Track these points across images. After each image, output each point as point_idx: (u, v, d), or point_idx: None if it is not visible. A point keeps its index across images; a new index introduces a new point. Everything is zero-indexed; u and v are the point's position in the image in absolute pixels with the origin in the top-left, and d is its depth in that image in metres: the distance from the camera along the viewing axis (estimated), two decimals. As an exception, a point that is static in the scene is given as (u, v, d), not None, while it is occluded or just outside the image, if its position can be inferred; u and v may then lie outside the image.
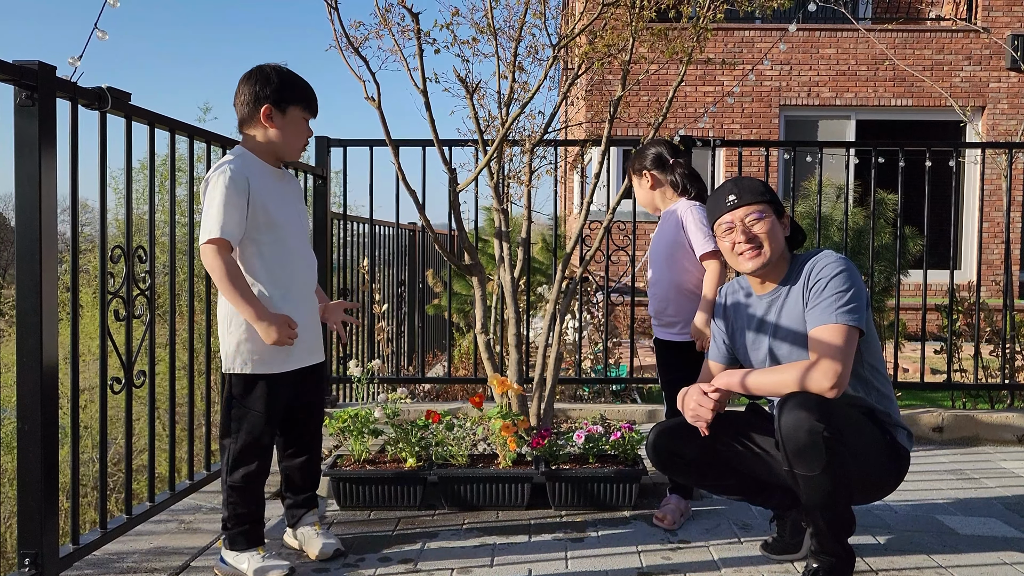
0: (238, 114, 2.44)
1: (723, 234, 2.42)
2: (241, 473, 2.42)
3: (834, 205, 6.64)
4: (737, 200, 2.38)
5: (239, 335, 2.38)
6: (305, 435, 2.64)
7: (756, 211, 2.37)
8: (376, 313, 5.14)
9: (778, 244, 2.38)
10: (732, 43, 10.75)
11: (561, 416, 4.13)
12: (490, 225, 7.71)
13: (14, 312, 2.13)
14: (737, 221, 2.37)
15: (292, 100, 2.42)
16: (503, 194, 3.50)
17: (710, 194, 2.53)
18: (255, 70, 2.43)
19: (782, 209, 2.44)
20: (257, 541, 2.45)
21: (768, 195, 2.41)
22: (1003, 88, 10.79)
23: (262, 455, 2.45)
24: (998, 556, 2.59)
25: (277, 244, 2.41)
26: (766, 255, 2.36)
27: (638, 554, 2.63)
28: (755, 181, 2.43)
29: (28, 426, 2.12)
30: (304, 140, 2.50)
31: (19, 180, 2.09)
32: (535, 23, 3.33)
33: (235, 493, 2.43)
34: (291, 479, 2.66)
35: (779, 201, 2.44)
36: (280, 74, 2.42)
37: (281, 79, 2.41)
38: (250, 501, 2.44)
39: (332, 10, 3.09)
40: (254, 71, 2.43)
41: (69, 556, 2.30)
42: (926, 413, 4.16)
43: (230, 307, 2.36)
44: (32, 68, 2.07)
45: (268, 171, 2.45)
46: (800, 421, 2.13)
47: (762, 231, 2.36)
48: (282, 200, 2.46)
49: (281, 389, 2.45)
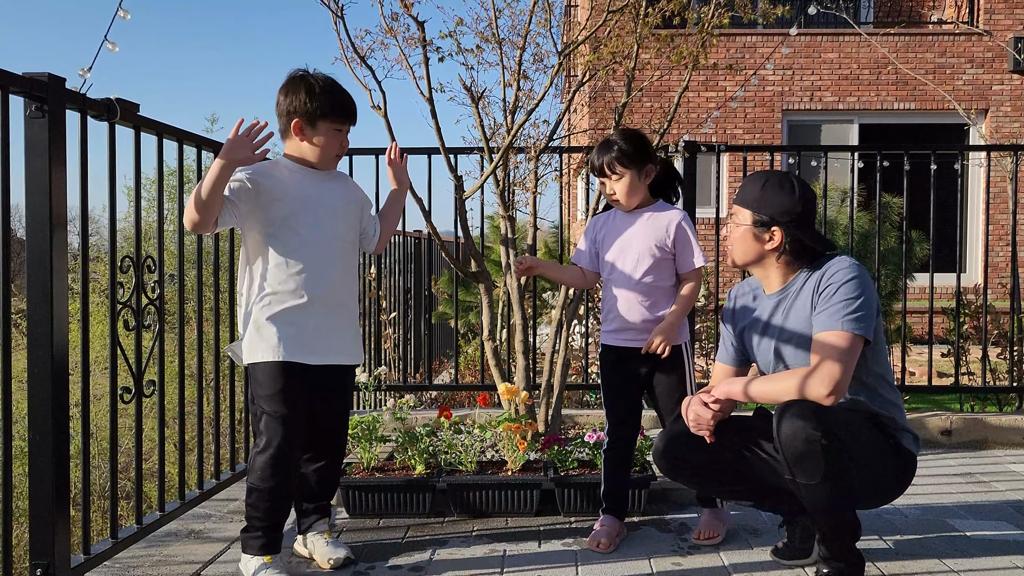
0: (278, 126, 2.46)
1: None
2: (258, 475, 2.39)
3: (839, 209, 6.64)
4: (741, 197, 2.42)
5: (256, 319, 2.38)
6: (328, 441, 2.61)
7: (735, 217, 2.42)
8: (383, 320, 5.15)
9: (751, 252, 2.38)
10: (735, 49, 10.76)
11: (569, 422, 4.12)
12: (496, 232, 7.72)
13: (24, 322, 2.14)
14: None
15: (322, 114, 2.40)
16: (509, 201, 3.51)
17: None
18: (289, 81, 2.42)
19: (776, 221, 2.33)
20: (267, 549, 2.42)
21: (756, 204, 2.35)
22: (1006, 91, 10.78)
23: (282, 458, 2.39)
24: (1010, 560, 2.58)
25: (296, 238, 2.39)
26: (735, 259, 2.44)
27: (648, 560, 2.62)
28: (764, 185, 2.38)
29: (39, 436, 2.13)
30: (336, 150, 2.48)
31: (29, 191, 2.11)
32: (540, 31, 3.36)
33: (252, 495, 2.41)
34: (307, 485, 2.63)
35: (776, 214, 2.33)
36: (312, 86, 2.40)
37: (311, 92, 2.39)
38: (266, 506, 2.41)
39: (338, 19, 3.11)
40: (288, 83, 2.42)
41: (80, 566, 2.31)
42: (934, 416, 4.14)
43: (244, 292, 2.42)
44: (42, 80, 2.09)
45: (303, 171, 2.46)
46: (797, 430, 2.12)
47: (734, 237, 2.42)
48: (317, 199, 2.45)
49: (301, 382, 2.40)
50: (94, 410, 7.26)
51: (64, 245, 2.17)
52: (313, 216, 2.42)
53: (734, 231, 2.41)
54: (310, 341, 2.41)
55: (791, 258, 2.37)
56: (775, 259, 2.38)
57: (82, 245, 2.37)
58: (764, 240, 2.36)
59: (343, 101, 2.45)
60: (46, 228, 2.10)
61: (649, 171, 2.73)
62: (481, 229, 4.29)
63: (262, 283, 2.39)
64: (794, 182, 2.37)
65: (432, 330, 7.34)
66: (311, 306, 2.41)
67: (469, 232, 3.53)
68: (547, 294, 6.15)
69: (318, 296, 2.42)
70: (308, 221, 2.41)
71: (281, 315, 2.38)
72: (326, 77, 2.45)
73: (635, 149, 2.68)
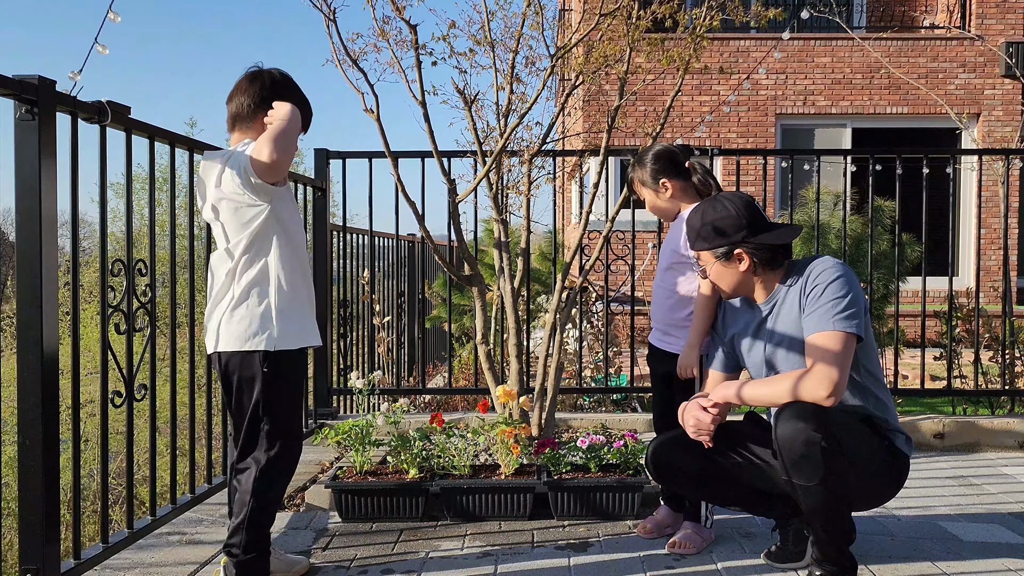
0: (235, 110, 2.38)
1: None
2: (278, 486, 2.34)
3: (832, 213, 6.66)
4: (691, 243, 2.45)
5: (282, 309, 2.30)
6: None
7: (700, 261, 2.43)
8: (376, 324, 5.14)
9: (731, 281, 2.39)
10: (728, 53, 10.79)
11: (562, 426, 4.12)
12: (489, 236, 7.72)
13: (14, 327, 2.13)
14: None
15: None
16: (502, 204, 3.51)
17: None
18: (263, 72, 2.40)
19: (734, 243, 2.33)
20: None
21: (707, 241, 2.37)
22: (998, 95, 10.83)
23: (296, 458, 2.38)
24: (1003, 563, 2.59)
25: (292, 222, 2.38)
26: (724, 292, 2.45)
27: (641, 563, 2.62)
28: (701, 218, 2.39)
29: (29, 440, 2.12)
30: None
31: (19, 194, 2.10)
32: (532, 34, 3.36)
33: (264, 512, 2.31)
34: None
35: (729, 237, 2.33)
36: (287, 82, 2.41)
37: (288, 87, 2.39)
38: (269, 523, 2.36)
39: (330, 23, 3.10)
40: (261, 73, 2.40)
41: (71, 571, 2.29)
42: (927, 420, 4.15)
43: (253, 283, 2.29)
44: (32, 83, 2.08)
45: None
46: (797, 432, 2.12)
47: (711, 277, 2.42)
48: (290, 199, 2.44)
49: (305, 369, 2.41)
50: (85, 415, 7.23)
51: (55, 248, 2.16)
52: (292, 216, 2.41)
53: (710, 275, 2.42)
54: (312, 326, 2.42)
55: (767, 267, 2.37)
56: (755, 275, 2.38)
57: (72, 248, 2.36)
58: (736, 266, 2.37)
59: (310, 109, 2.48)
60: (36, 231, 2.09)
61: (665, 185, 2.76)
62: (475, 233, 4.28)
63: (285, 271, 2.33)
64: (723, 200, 2.39)
65: (426, 334, 7.34)
66: (309, 294, 2.42)
67: (462, 236, 3.53)
68: (541, 298, 6.15)
69: (308, 284, 2.44)
70: (294, 222, 2.41)
71: (299, 304, 2.37)
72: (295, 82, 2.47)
73: (649, 172, 2.77)
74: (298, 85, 2.45)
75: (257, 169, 2.17)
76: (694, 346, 2.66)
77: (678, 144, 2.84)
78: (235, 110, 2.39)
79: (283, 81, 2.41)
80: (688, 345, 2.68)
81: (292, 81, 2.43)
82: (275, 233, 2.31)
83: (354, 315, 4.99)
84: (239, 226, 2.28)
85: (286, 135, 2.17)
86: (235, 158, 2.25)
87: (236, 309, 2.29)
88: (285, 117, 2.20)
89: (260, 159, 2.14)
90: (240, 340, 2.27)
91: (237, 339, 2.28)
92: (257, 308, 2.29)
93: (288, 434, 2.35)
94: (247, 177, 2.20)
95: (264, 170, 2.17)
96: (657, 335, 2.85)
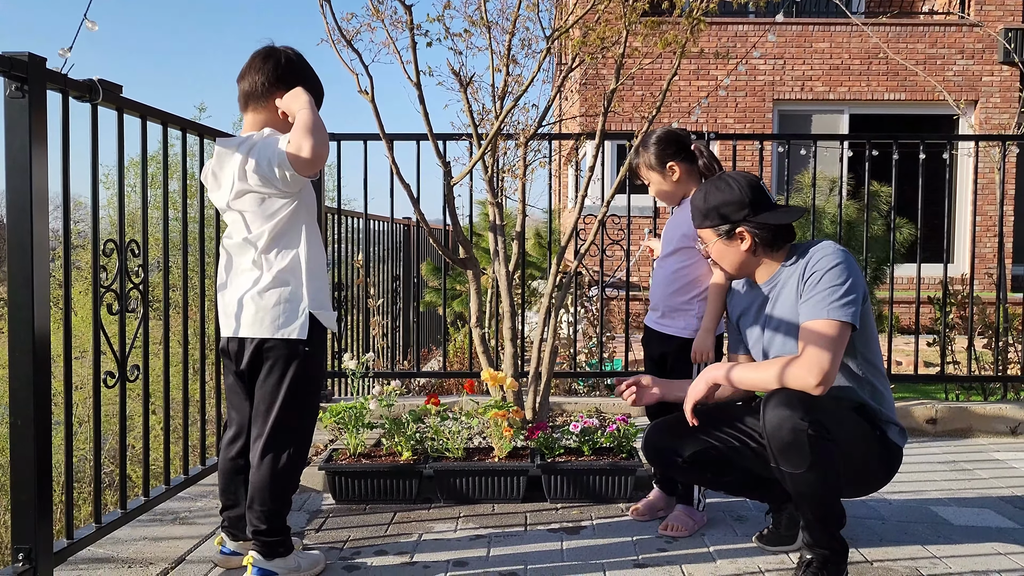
0: (248, 88, 2.33)
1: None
2: (296, 472, 2.35)
3: (828, 198, 6.65)
4: (694, 221, 2.46)
5: (319, 300, 2.32)
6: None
7: (702, 239, 2.43)
8: (371, 308, 5.13)
9: (733, 260, 2.39)
10: (726, 38, 10.75)
11: (556, 410, 4.13)
12: (484, 219, 7.70)
13: (5, 308, 2.12)
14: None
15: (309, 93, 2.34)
16: (498, 188, 3.50)
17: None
18: (276, 50, 2.35)
19: (735, 222, 2.33)
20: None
21: (709, 219, 2.37)
22: (996, 82, 10.82)
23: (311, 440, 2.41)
24: (992, 547, 2.60)
25: (315, 230, 2.37)
26: (726, 272, 2.46)
27: (634, 545, 2.63)
28: (705, 197, 2.39)
29: (21, 421, 2.11)
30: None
31: (10, 173, 2.08)
32: (528, 15, 3.33)
33: (283, 498, 2.32)
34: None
35: (731, 216, 2.33)
36: (301, 61, 2.37)
37: (303, 66, 2.36)
38: (291, 503, 2.38)
39: (324, 2, 3.07)
40: (275, 51, 2.35)
41: (63, 551, 2.29)
42: (920, 405, 4.17)
43: (286, 274, 2.29)
44: (22, 59, 2.05)
45: None
46: (783, 419, 2.12)
47: (712, 256, 2.43)
48: (310, 186, 2.42)
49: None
50: (78, 397, 7.22)
51: (45, 228, 2.14)
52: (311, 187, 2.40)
53: (712, 253, 2.42)
54: (332, 312, 2.42)
55: (769, 247, 2.36)
56: (757, 255, 2.38)
57: (64, 227, 2.35)
58: (737, 245, 2.36)
59: (322, 92, 2.45)
60: (27, 210, 2.07)
61: (672, 168, 2.74)
62: (470, 216, 4.27)
63: (315, 259, 2.33)
64: (727, 179, 2.38)
65: (420, 318, 7.33)
66: (328, 280, 2.44)
67: (457, 219, 3.52)
68: (536, 282, 6.15)
69: (326, 270, 2.45)
70: (312, 194, 2.40)
71: (326, 291, 2.38)
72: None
73: (655, 155, 2.76)
74: (310, 65, 2.41)
75: (296, 164, 2.14)
76: (709, 330, 2.66)
77: (674, 128, 2.83)
78: (248, 88, 2.34)
79: (297, 60, 2.37)
80: (704, 329, 2.67)
81: (305, 61, 2.39)
82: (303, 222, 2.30)
83: (348, 298, 4.98)
84: (264, 217, 2.27)
85: (319, 126, 2.15)
86: (259, 149, 2.21)
87: (267, 296, 2.27)
88: (309, 106, 2.17)
89: (301, 155, 2.11)
90: (272, 327, 2.27)
91: (270, 326, 2.27)
92: (293, 295, 2.28)
93: (312, 416, 2.40)
94: (282, 171, 2.16)
95: (304, 165, 2.14)
96: (654, 317, 2.85)
